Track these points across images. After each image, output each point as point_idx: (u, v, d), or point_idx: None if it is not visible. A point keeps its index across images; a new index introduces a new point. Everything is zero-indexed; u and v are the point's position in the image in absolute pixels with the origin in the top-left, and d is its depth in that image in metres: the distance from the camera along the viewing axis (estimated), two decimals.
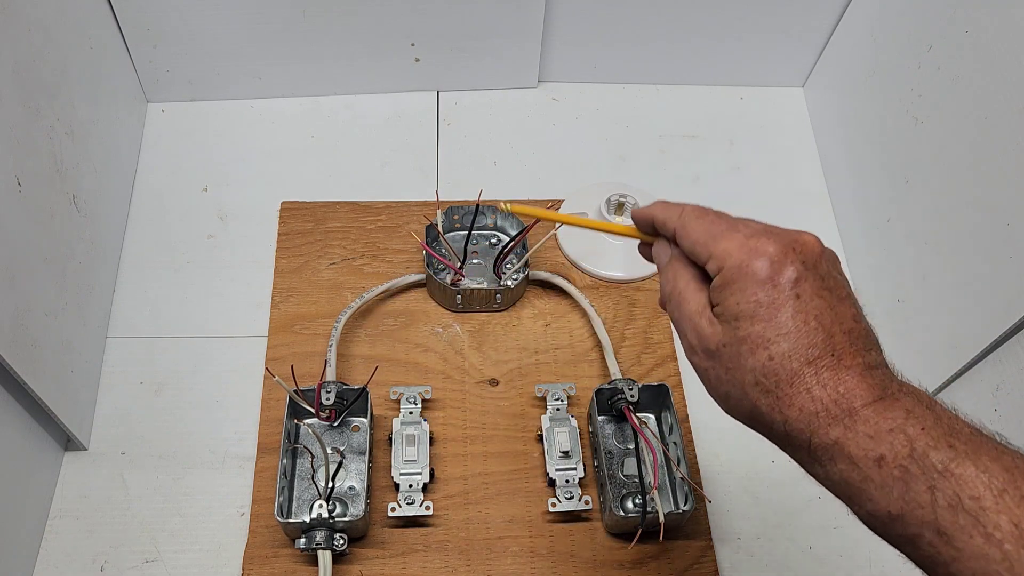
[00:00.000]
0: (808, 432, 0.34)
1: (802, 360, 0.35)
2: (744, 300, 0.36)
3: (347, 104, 0.87)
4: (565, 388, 0.67)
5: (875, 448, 0.33)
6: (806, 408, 0.34)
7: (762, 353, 0.35)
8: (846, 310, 0.36)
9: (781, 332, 0.35)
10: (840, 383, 0.34)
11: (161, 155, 0.82)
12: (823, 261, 0.37)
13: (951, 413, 0.34)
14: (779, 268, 0.36)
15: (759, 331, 0.35)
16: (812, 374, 0.34)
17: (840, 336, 0.35)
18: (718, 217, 0.40)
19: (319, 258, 0.75)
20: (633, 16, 0.84)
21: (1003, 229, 0.57)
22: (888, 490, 0.32)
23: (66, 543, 0.62)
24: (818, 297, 0.36)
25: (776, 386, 0.35)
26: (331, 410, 0.63)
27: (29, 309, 0.57)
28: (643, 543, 0.61)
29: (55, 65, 0.64)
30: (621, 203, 0.76)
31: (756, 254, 0.36)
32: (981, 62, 0.61)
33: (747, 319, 0.36)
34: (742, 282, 0.36)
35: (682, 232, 0.40)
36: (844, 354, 0.35)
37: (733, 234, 0.38)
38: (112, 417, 0.67)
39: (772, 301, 0.35)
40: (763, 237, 0.37)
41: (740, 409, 0.37)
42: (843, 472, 0.34)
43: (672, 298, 0.41)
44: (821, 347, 0.35)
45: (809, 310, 0.35)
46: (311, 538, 0.58)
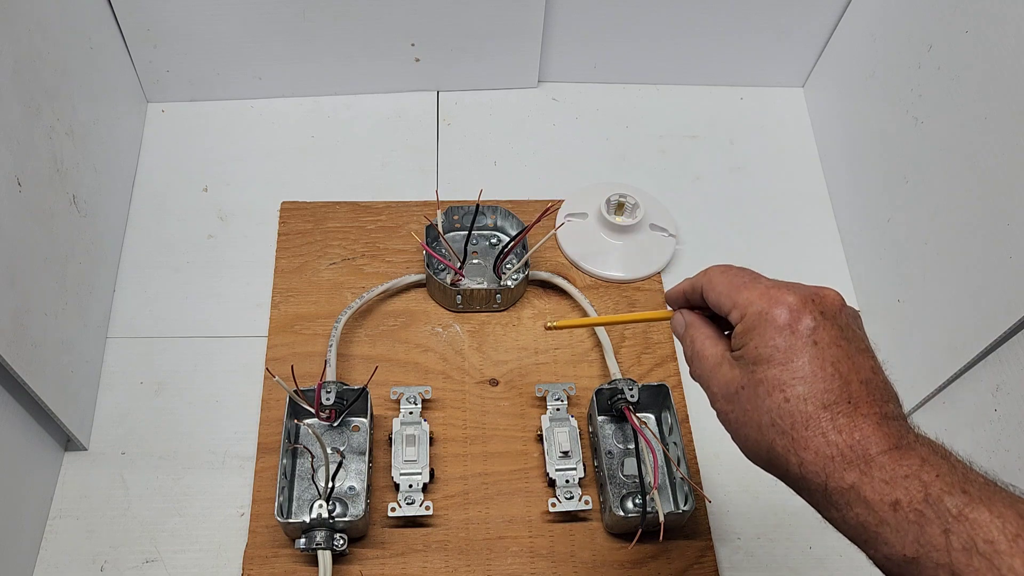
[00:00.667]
0: (824, 475, 0.35)
1: (818, 404, 0.36)
2: (763, 344, 0.38)
3: (347, 104, 0.87)
4: (565, 388, 0.67)
5: (891, 493, 0.33)
6: (821, 451, 0.35)
7: (778, 395, 0.37)
8: (864, 361, 0.37)
9: (797, 376, 0.36)
10: (856, 429, 0.35)
11: (161, 155, 0.82)
12: (842, 314, 0.39)
13: (965, 463, 0.35)
14: (798, 316, 0.37)
15: (776, 374, 0.37)
16: (828, 419, 0.35)
17: (857, 385, 0.36)
18: (741, 271, 0.42)
19: (319, 258, 0.75)
20: (633, 16, 0.84)
21: (1003, 229, 0.57)
22: (903, 533, 0.33)
23: (66, 543, 0.62)
24: (836, 346, 0.37)
25: (792, 428, 0.36)
26: (331, 410, 0.63)
27: (29, 309, 0.57)
28: (643, 543, 0.61)
29: (55, 65, 0.64)
30: (621, 203, 0.76)
31: (776, 302, 0.38)
32: (981, 62, 0.61)
33: (765, 363, 0.37)
34: (762, 328, 0.38)
35: (708, 287, 0.42)
36: (861, 403, 0.36)
37: (755, 285, 0.40)
38: (112, 417, 0.67)
39: (790, 346, 0.37)
40: (784, 288, 0.39)
41: (758, 450, 0.38)
42: (859, 516, 0.34)
43: (694, 359, 0.43)
44: (837, 393, 0.36)
45: (826, 357, 0.37)
46: (311, 538, 0.58)
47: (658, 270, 0.76)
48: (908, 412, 0.69)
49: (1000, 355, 0.58)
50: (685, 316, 0.45)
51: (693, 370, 0.43)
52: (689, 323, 0.44)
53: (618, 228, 0.76)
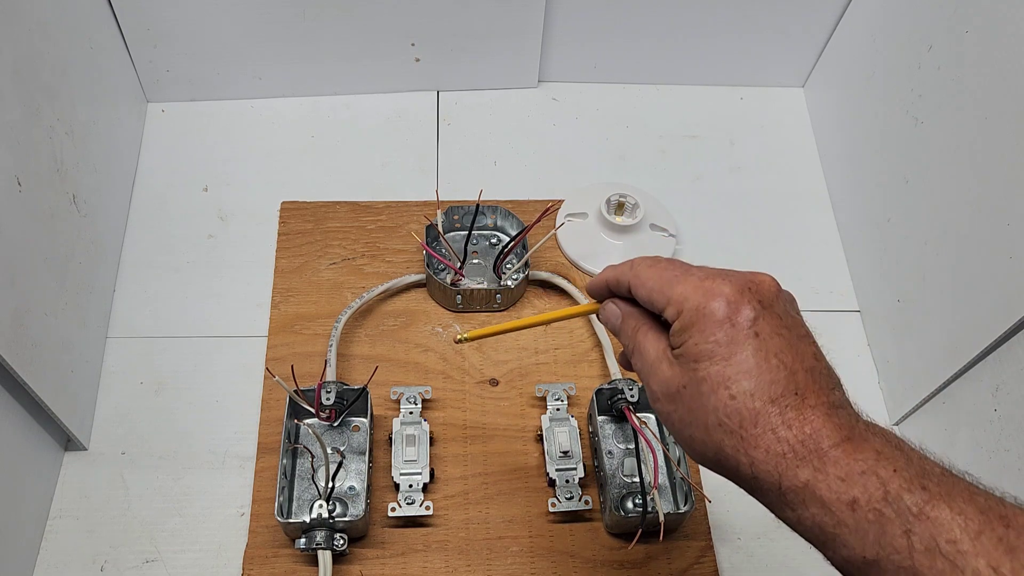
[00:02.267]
0: (776, 474, 0.34)
1: (765, 399, 0.34)
2: (703, 340, 0.36)
3: (347, 104, 0.87)
4: (565, 388, 0.67)
5: (847, 491, 0.32)
6: (772, 449, 0.34)
7: (723, 392, 0.35)
8: (806, 348, 0.36)
9: (741, 370, 0.35)
10: (806, 423, 0.34)
11: (161, 155, 0.82)
12: (779, 301, 0.37)
13: (920, 453, 0.34)
14: (736, 308, 0.36)
15: (719, 370, 0.35)
16: (776, 413, 0.34)
17: (802, 374, 0.35)
18: (670, 263, 0.40)
19: (319, 258, 0.75)
20: (633, 16, 0.84)
21: (1003, 229, 0.57)
22: (863, 535, 0.32)
23: (66, 543, 0.62)
24: (777, 335, 0.35)
25: (740, 426, 0.34)
26: (331, 410, 0.63)
27: (29, 309, 0.57)
28: (643, 543, 0.61)
29: (55, 65, 0.64)
30: (621, 203, 0.76)
31: (712, 295, 0.36)
32: (981, 62, 0.61)
33: (706, 359, 0.36)
34: (700, 324, 0.36)
35: (636, 282, 0.40)
36: (807, 392, 0.34)
37: (688, 278, 0.38)
38: (112, 417, 0.67)
39: (731, 340, 0.35)
40: (718, 279, 0.37)
41: (705, 452, 0.36)
42: (815, 516, 0.33)
43: (634, 350, 0.41)
44: (784, 384, 0.34)
45: (769, 348, 0.35)
46: (311, 538, 0.58)
47: None
48: (908, 412, 0.69)
49: (1000, 355, 0.58)
50: (620, 306, 0.42)
51: (633, 362, 0.41)
52: (626, 314, 0.42)
53: (618, 228, 0.76)
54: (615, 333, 0.43)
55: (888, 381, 0.72)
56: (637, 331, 0.41)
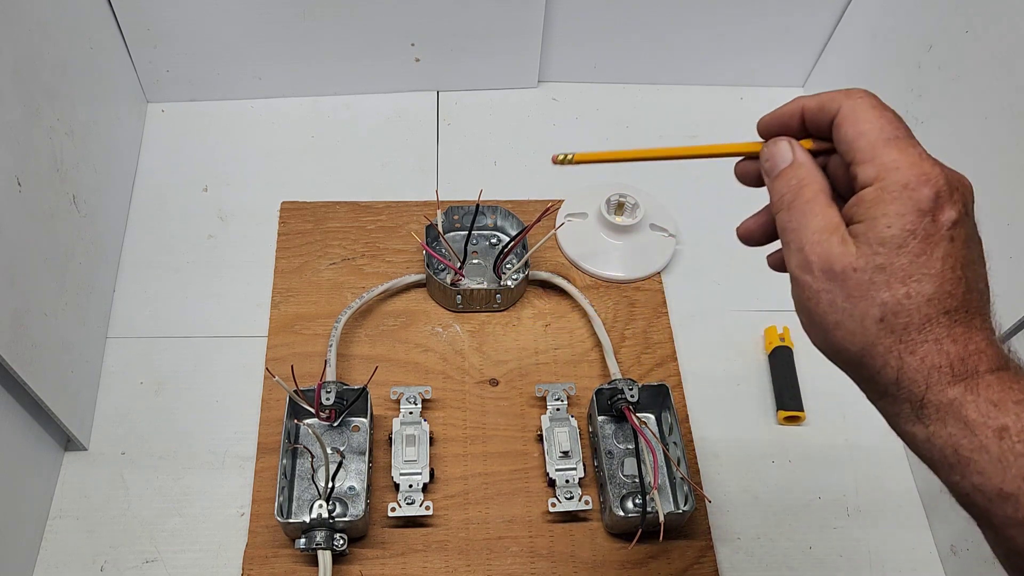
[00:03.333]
0: (924, 385, 0.31)
1: (940, 308, 0.31)
2: (897, 225, 0.32)
3: (347, 104, 0.87)
4: (565, 388, 0.67)
5: (998, 417, 0.30)
6: (929, 359, 0.31)
7: (899, 288, 0.31)
8: (982, 268, 0.34)
9: (927, 272, 0.31)
10: (970, 341, 0.31)
11: (161, 155, 0.82)
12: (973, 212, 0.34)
13: None
14: (942, 204, 0.32)
15: (904, 263, 0.32)
16: (946, 324, 0.31)
17: (976, 294, 0.33)
18: (894, 119, 0.34)
19: (319, 258, 0.75)
20: (633, 16, 0.84)
21: (1003, 229, 0.57)
22: (1005, 465, 0.29)
23: (66, 543, 0.62)
24: (966, 247, 0.32)
25: (904, 329, 0.32)
26: (331, 410, 0.63)
27: (29, 309, 0.57)
28: (643, 543, 0.61)
29: (55, 65, 0.64)
30: (621, 203, 0.76)
31: (927, 180, 0.32)
32: (981, 62, 0.61)
33: (895, 247, 0.32)
34: (902, 205, 0.32)
35: (849, 118, 0.34)
36: (976, 313, 0.32)
37: (908, 148, 0.33)
38: (112, 417, 0.67)
39: (927, 235, 0.32)
40: (939, 167, 0.33)
41: (850, 344, 0.33)
42: (952, 436, 0.31)
43: (794, 206, 0.35)
44: (960, 299, 0.32)
45: (957, 257, 0.32)
46: (311, 538, 0.58)
47: (658, 270, 0.76)
48: None
49: None
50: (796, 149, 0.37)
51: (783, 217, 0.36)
52: (801, 161, 0.36)
53: (618, 228, 0.76)
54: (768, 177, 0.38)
55: None
56: (808, 186, 0.35)
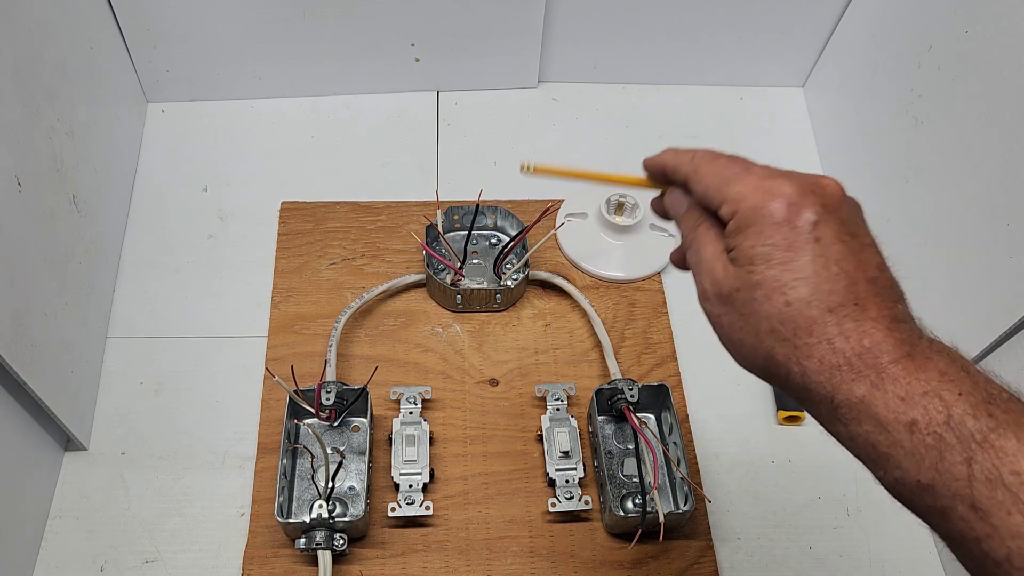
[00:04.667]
0: (830, 387, 0.32)
1: (822, 307, 0.32)
2: (760, 243, 0.34)
3: (347, 104, 0.87)
4: (565, 388, 0.67)
5: (907, 411, 0.30)
6: (826, 360, 0.32)
7: (778, 298, 0.33)
8: (870, 257, 0.34)
9: (799, 276, 0.33)
10: (864, 335, 0.32)
11: (161, 155, 0.82)
12: (845, 206, 0.35)
13: (987, 376, 0.32)
14: (797, 210, 0.33)
15: (775, 275, 0.33)
16: (834, 323, 0.32)
17: (864, 284, 0.33)
18: (732, 160, 0.37)
19: (319, 258, 0.75)
20: (633, 16, 0.84)
21: (1003, 229, 0.57)
22: (919, 458, 0.30)
23: (66, 543, 0.62)
24: (839, 242, 0.33)
25: (794, 334, 0.33)
26: (331, 410, 0.63)
27: (29, 309, 0.57)
28: (643, 543, 0.61)
29: (55, 65, 0.64)
30: (621, 203, 0.76)
31: (772, 195, 0.34)
32: (981, 62, 0.61)
33: (762, 262, 0.34)
34: (758, 224, 0.34)
35: (695, 177, 0.38)
36: (869, 304, 0.32)
37: (747, 176, 0.36)
38: (112, 417, 0.67)
39: (790, 244, 0.33)
40: (780, 179, 0.35)
41: (754, 359, 0.35)
42: (869, 434, 0.31)
43: (692, 244, 0.38)
44: (843, 294, 0.32)
45: (830, 255, 0.33)
46: (311, 538, 0.58)
47: (658, 270, 0.76)
48: None
49: (1000, 355, 0.58)
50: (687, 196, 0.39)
51: (688, 256, 0.39)
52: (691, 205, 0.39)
53: (618, 228, 0.76)
54: (676, 222, 0.41)
55: None
56: (697, 226, 0.38)
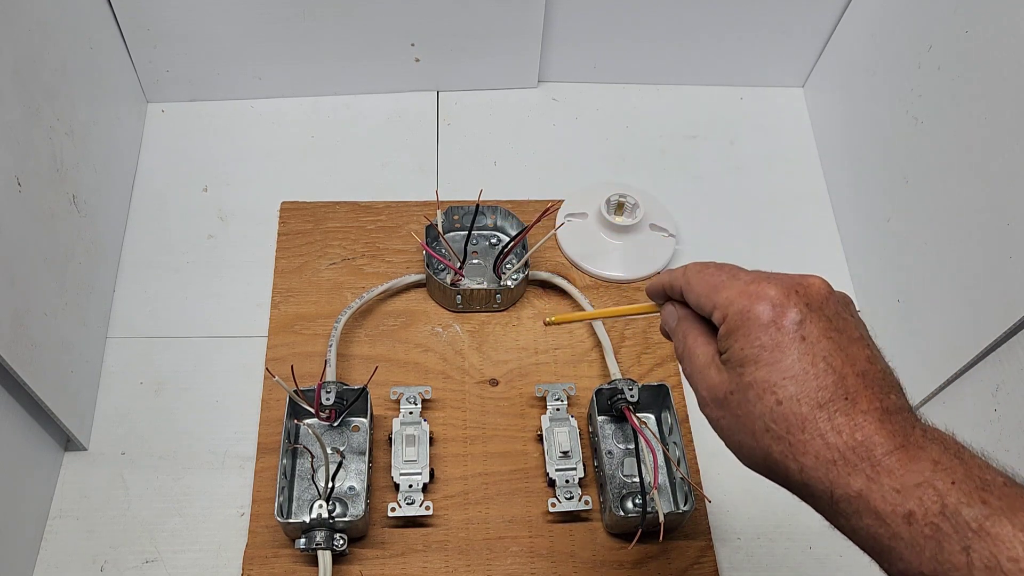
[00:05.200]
0: (827, 482, 0.33)
1: (812, 404, 0.34)
2: (748, 345, 0.35)
3: (347, 104, 0.87)
4: (565, 388, 0.67)
5: (903, 503, 0.31)
6: (821, 455, 0.33)
7: (769, 398, 0.34)
8: (859, 351, 0.35)
9: (787, 375, 0.34)
10: (856, 429, 0.33)
11: (161, 155, 0.82)
12: (830, 303, 0.36)
13: (981, 461, 0.32)
14: (782, 311, 0.35)
15: (764, 375, 0.35)
16: (825, 419, 0.33)
17: (853, 378, 0.34)
18: (719, 268, 0.39)
19: (319, 258, 0.75)
20: (633, 16, 0.84)
21: (1003, 229, 0.57)
22: (919, 549, 0.31)
23: (66, 543, 0.62)
24: (826, 338, 0.35)
25: (787, 431, 0.34)
26: (331, 410, 0.63)
27: (29, 309, 0.57)
28: (643, 543, 0.61)
29: (55, 65, 0.64)
30: (621, 203, 0.76)
31: (757, 299, 0.36)
32: (981, 62, 0.61)
33: (752, 364, 0.35)
34: (745, 328, 0.36)
35: (687, 288, 0.40)
36: (858, 398, 0.34)
37: (734, 282, 0.37)
38: (112, 417, 0.67)
39: (776, 344, 0.35)
40: (764, 282, 0.36)
41: (754, 458, 0.36)
42: (869, 527, 0.32)
43: (684, 355, 0.40)
44: (832, 390, 0.34)
45: (816, 352, 0.34)
46: (311, 538, 0.58)
47: (658, 270, 0.76)
48: None
49: (1000, 355, 0.58)
50: (678, 309, 0.42)
51: (683, 367, 0.41)
52: (681, 317, 0.41)
53: (618, 228, 0.76)
54: (671, 334, 0.43)
55: None
56: (687, 335, 0.40)
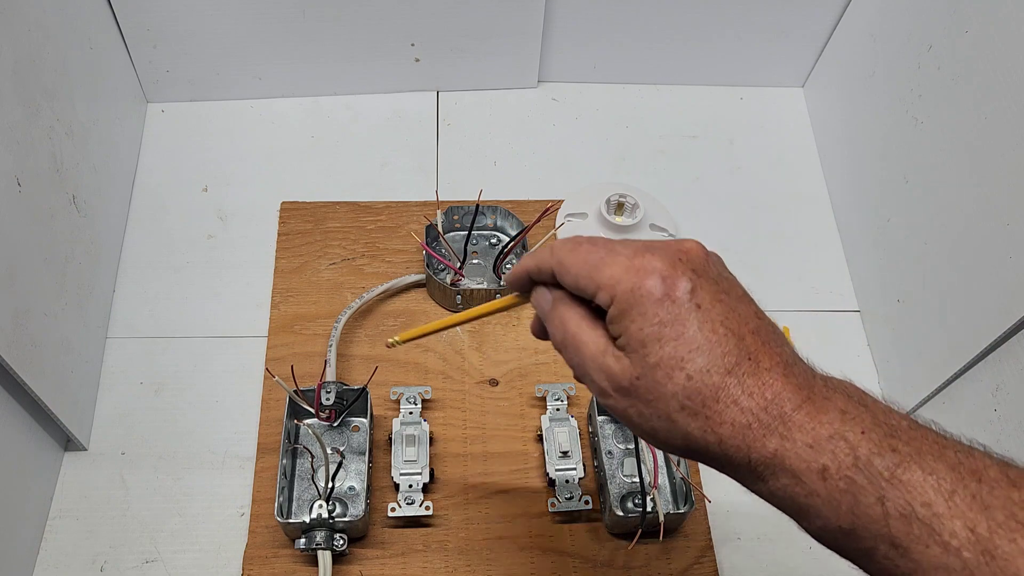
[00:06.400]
0: (745, 447, 0.32)
1: (721, 371, 0.33)
2: (646, 324, 0.34)
3: (347, 104, 0.87)
4: (565, 388, 0.67)
5: (816, 459, 0.31)
6: (737, 421, 0.32)
7: (679, 374, 0.33)
8: (747, 309, 0.35)
9: (693, 347, 0.33)
10: (766, 387, 0.32)
11: (161, 155, 0.82)
12: (711, 264, 0.36)
13: (884, 406, 0.33)
14: (673, 282, 0.34)
15: (670, 352, 0.33)
16: (735, 384, 0.33)
17: (750, 337, 0.33)
18: (592, 244, 0.37)
19: (319, 258, 0.75)
20: (633, 16, 0.84)
21: (1002, 229, 0.57)
22: (836, 504, 0.31)
23: (66, 543, 0.62)
24: (718, 302, 0.34)
25: (703, 405, 0.33)
26: (331, 410, 0.63)
27: (29, 309, 0.57)
28: (643, 543, 0.61)
29: (55, 65, 0.64)
30: (621, 203, 0.76)
31: (646, 273, 0.34)
32: (981, 62, 0.61)
33: (654, 343, 0.33)
34: (640, 306, 0.34)
35: (560, 269, 0.37)
36: (760, 356, 0.33)
37: (615, 258, 0.35)
38: (112, 417, 0.67)
39: (675, 318, 0.33)
40: (647, 254, 0.35)
41: (673, 441, 0.34)
42: (787, 487, 0.32)
43: (568, 344, 0.37)
44: (736, 353, 0.33)
45: (713, 317, 0.33)
46: (311, 538, 0.58)
47: None
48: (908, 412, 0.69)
49: (1000, 355, 0.58)
50: (551, 292, 0.39)
51: (567, 356, 0.38)
52: (557, 299, 0.38)
53: (618, 228, 0.76)
54: (545, 320, 0.39)
55: (888, 381, 0.72)
56: (568, 321, 0.37)
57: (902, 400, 0.69)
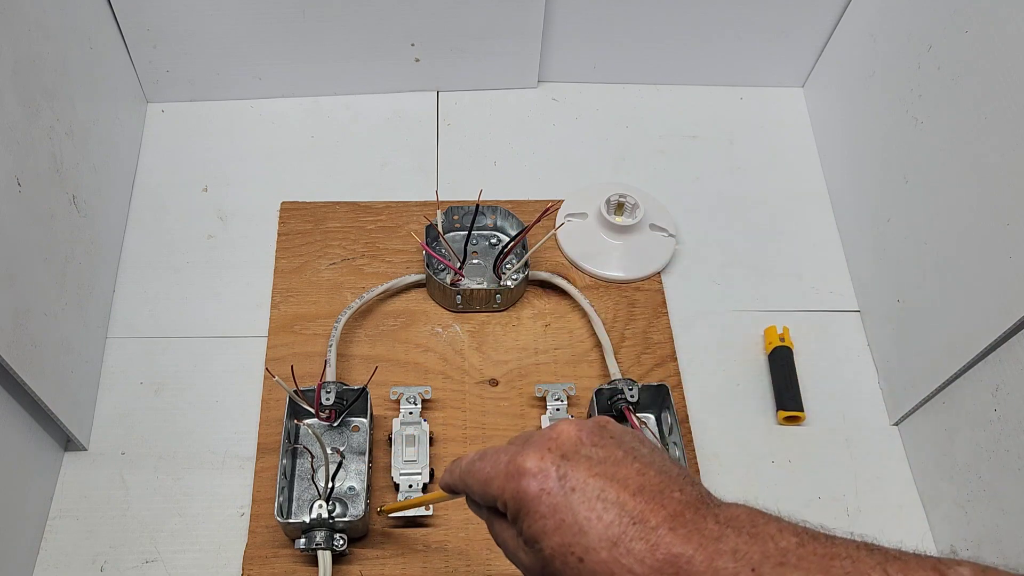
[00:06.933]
0: None
1: (608, 545, 0.33)
2: (532, 522, 0.36)
3: (347, 104, 0.87)
4: (565, 388, 0.67)
5: None
6: None
7: (572, 559, 0.34)
8: (627, 470, 0.35)
9: (575, 531, 0.34)
10: (656, 549, 0.33)
11: (161, 155, 0.82)
12: (584, 441, 0.37)
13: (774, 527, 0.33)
14: (544, 476, 0.36)
15: (559, 541, 0.34)
16: (625, 553, 0.33)
17: (632, 501, 0.34)
18: (482, 459, 0.40)
19: (319, 258, 0.75)
20: (633, 16, 0.84)
21: (1003, 229, 0.57)
22: None
23: (66, 543, 0.62)
24: (592, 478, 0.35)
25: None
26: (331, 410, 0.63)
27: (29, 309, 0.57)
28: None
29: (55, 65, 0.64)
30: (621, 203, 0.76)
31: (519, 476, 0.36)
32: (981, 62, 0.61)
33: (543, 537, 0.35)
34: (524, 508, 0.36)
35: (468, 491, 0.41)
36: (646, 516, 0.33)
37: (497, 469, 0.38)
38: (112, 417, 0.67)
39: (553, 508, 0.35)
40: (519, 455, 0.37)
41: None
42: None
43: (495, 540, 0.41)
44: (618, 522, 0.33)
45: (590, 495, 0.34)
46: (311, 538, 0.58)
47: (658, 270, 0.76)
48: (908, 412, 0.69)
49: (1000, 355, 0.58)
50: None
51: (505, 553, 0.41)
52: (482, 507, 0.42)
53: (618, 228, 0.76)
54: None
55: (888, 381, 0.72)
56: (492, 524, 0.41)
57: (902, 400, 0.69)
